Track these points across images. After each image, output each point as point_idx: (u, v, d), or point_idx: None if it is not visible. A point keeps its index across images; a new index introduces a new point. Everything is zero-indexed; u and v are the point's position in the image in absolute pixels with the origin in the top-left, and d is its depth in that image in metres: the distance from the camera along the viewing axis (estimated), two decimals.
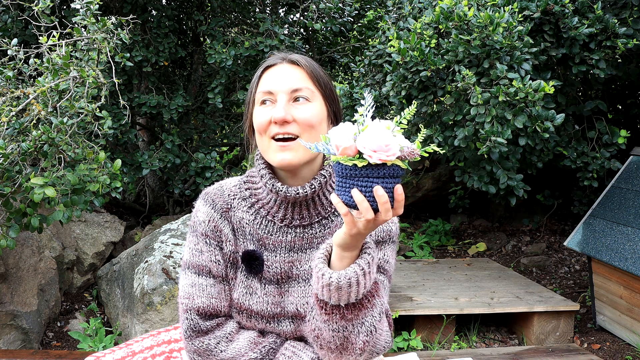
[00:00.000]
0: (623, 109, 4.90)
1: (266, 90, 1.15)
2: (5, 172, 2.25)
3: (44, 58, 2.49)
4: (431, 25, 3.34)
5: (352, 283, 0.97)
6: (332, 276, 0.97)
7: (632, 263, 3.16)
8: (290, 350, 1.18)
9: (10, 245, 2.27)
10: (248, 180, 1.25)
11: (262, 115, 1.14)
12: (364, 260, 0.99)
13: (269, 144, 1.14)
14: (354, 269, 0.97)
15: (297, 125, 1.12)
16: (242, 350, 1.17)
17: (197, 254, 1.21)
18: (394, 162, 0.86)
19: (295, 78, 1.15)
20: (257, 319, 1.21)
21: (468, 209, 5.69)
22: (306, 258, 1.21)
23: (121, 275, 3.45)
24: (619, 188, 3.62)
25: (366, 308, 1.03)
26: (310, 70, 1.17)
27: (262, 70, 1.19)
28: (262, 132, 1.15)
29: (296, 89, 1.14)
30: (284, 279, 1.21)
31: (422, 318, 3.49)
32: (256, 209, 1.22)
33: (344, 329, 1.03)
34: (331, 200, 1.21)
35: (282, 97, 1.13)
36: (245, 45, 4.32)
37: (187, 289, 1.20)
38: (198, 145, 5.03)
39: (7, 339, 3.02)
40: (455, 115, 3.26)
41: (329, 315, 1.02)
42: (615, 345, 3.47)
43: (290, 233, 1.20)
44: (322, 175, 1.19)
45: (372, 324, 1.05)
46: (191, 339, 1.17)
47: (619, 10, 3.51)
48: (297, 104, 1.14)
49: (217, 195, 1.23)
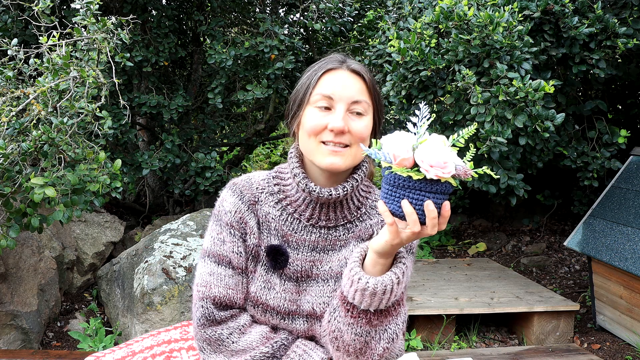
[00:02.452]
0: (623, 109, 4.90)
1: (327, 94, 1.15)
2: (5, 172, 2.25)
3: (44, 58, 2.49)
4: (431, 25, 3.34)
5: (387, 290, 0.98)
6: (370, 281, 0.98)
7: (632, 263, 3.16)
8: (301, 348, 1.19)
9: (10, 245, 2.27)
10: (277, 175, 1.26)
11: (318, 119, 1.15)
12: (399, 269, 1.01)
13: (318, 146, 1.15)
14: (390, 277, 0.99)
15: (351, 136, 1.14)
16: (254, 343, 1.17)
17: (219, 243, 1.21)
18: (447, 179, 0.88)
19: (356, 89, 1.16)
20: (272, 314, 1.21)
21: (468, 209, 5.69)
22: (327, 259, 1.22)
23: (121, 275, 3.45)
24: (619, 188, 3.62)
25: (392, 315, 1.04)
26: (371, 83, 1.20)
27: (322, 72, 1.19)
28: (313, 134, 1.15)
29: (356, 100, 1.16)
30: (303, 277, 1.22)
31: (422, 318, 3.49)
32: (283, 206, 1.23)
33: (367, 334, 1.03)
34: (365, 205, 1.23)
35: (341, 106, 1.14)
36: (245, 46, 4.32)
37: (205, 277, 1.20)
38: (198, 145, 5.03)
39: (7, 339, 3.02)
40: (456, 114, 3.26)
41: (355, 318, 1.03)
42: (615, 345, 3.46)
43: (315, 233, 1.21)
44: (354, 179, 1.20)
45: (394, 332, 1.06)
46: (204, 327, 1.17)
47: (619, 10, 3.51)
48: (354, 116, 1.16)
49: (246, 187, 1.24)
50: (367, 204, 1.25)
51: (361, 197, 1.25)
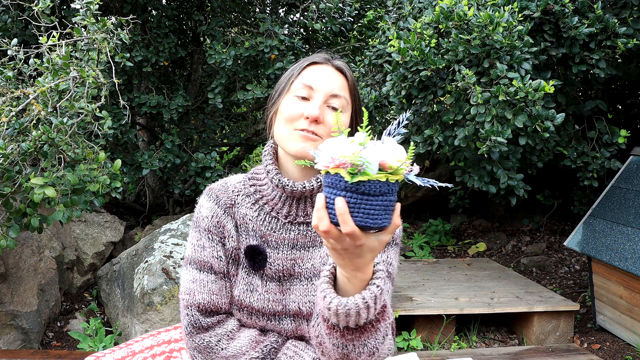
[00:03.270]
0: (623, 109, 4.90)
1: (307, 83, 1.16)
2: (5, 172, 2.25)
3: (44, 58, 2.49)
4: (431, 25, 3.34)
5: (350, 314, 0.91)
6: (333, 302, 0.91)
7: (632, 263, 3.16)
8: (292, 350, 1.18)
9: (10, 245, 2.27)
10: (253, 176, 1.26)
11: (295, 107, 1.16)
12: (369, 292, 0.91)
13: (291, 133, 1.15)
14: (355, 301, 0.90)
15: (325, 128, 1.14)
16: (244, 348, 1.16)
17: (199, 249, 1.21)
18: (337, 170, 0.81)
19: (337, 84, 1.17)
20: (258, 317, 1.20)
21: (468, 209, 5.69)
22: (309, 256, 1.21)
23: (121, 275, 3.45)
24: (619, 188, 3.62)
25: (369, 332, 0.97)
26: (352, 83, 1.21)
27: (306, 64, 1.21)
28: (289, 121, 1.16)
29: (335, 94, 1.16)
30: (285, 277, 1.21)
31: (422, 318, 3.49)
32: (260, 205, 1.22)
33: (343, 347, 1.00)
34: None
35: (319, 96, 1.15)
36: (245, 46, 4.32)
37: (188, 284, 1.20)
38: (198, 145, 5.03)
39: (7, 339, 3.02)
40: (456, 115, 3.26)
41: (330, 329, 0.99)
42: (615, 345, 3.46)
43: (294, 230, 1.20)
44: None
45: (374, 347, 1.01)
46: (192, 335, 1.17)
47: (619, 10, 3.51)
48: (331, 110, 1.16)
49: (221, 191, 1.24)
50: None
51: None
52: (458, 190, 5.26)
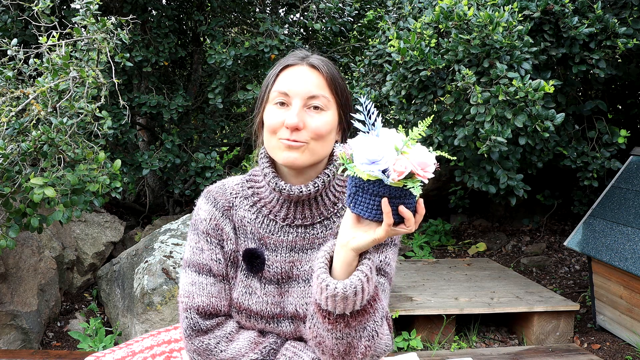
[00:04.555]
0: (623, 109, 4.90)
1: (282, 91, 1.13)
2: (5, 172, 2.25)
3: (44, 58, 2.49)
4: (431, 25, 3.34)
5: (357, 291, 0.96)
6: (338, 286, 0.96)
7: (632, 263, 3.16)
8: (291, 350, 1.18)
9: (10, 245, 2.27)
10: (251, 179, 1.25)
11: (275, 116, 1.13)
12: (365, 266, 0.98)
13: (277, 143, 1.13)
14: (358, 277, 0.96)
15: (307, 132, 1.11)
16: (243, 350, 1.16)
17: (197, 252, 1.20)
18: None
19: (314, 84, 1.13)
20: (257, 319, 1.20)
21: (468, 209, 5.69)
22: (307, 258, 1.20)
23: (121, 275, 3.45)
24: (619, 188, 3.62)
25: (369, 313, 1.02)
26: (330, 77, 1.15)
27: (280, 69, 1.17)
28: (272, 132, 1.14)
29: (313, 95, 1.12)
30: (284, 279, 1.21)
31: (422, 318, 3.49)
32: (258, 208, 1.21)
33: (347, 336, 1.02)
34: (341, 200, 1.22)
35: (297, 102, 1.12)
36: (245, 45, 4.32)
37: (187, 287, 1.19)
38: (198, 145, 5.03)
39: (7, 339, 3.02)
40: (455, 114, 3.26)
41: (332, 324, 1.01)
42: (615, 345, 3.46)
43: (292, 233, 1.20)
44: (326, 175, 1.18)
45: (374, 329, 1.04)
46: (191, 338, 1.17)
47: (619, 10, 3.51)
48: (311, 111, 1.13)
49: (219, 193, 1.23)
50: (343, 199, 1.23)
51: (337, 192, 1.22)
52: (458, 190, 5.26)
